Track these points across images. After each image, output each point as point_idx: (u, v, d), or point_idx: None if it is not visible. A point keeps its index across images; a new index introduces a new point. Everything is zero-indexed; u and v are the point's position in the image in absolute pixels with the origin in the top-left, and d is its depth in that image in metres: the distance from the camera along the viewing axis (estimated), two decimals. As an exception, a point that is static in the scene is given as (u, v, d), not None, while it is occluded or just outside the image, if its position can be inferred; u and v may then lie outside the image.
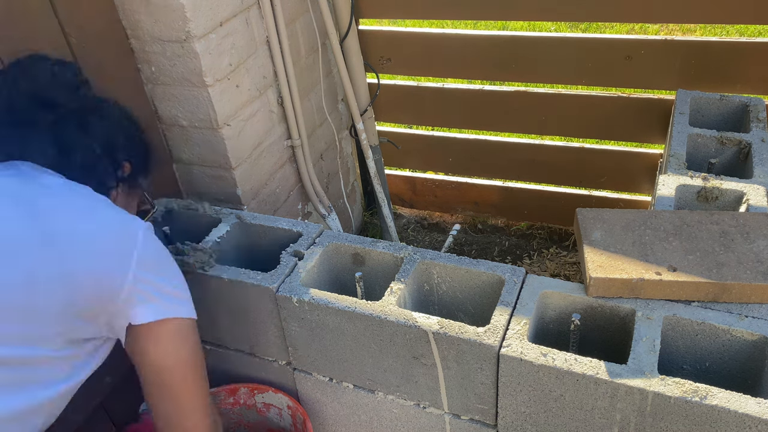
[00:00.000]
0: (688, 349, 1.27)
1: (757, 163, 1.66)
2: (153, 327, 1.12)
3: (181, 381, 1.15)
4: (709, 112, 2.00)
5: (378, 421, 1.54)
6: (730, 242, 1.31)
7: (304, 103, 2.14)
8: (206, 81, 1.65)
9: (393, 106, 2.56)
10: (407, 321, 1.31)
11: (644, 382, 1.12)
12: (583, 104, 2.28)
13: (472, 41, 2.29)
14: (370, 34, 2.38)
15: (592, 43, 2.16)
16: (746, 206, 1.50)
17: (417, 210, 2.97)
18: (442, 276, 1.47)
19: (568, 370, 1.17)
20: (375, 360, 1.42)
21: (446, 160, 2.70)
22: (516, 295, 1.33)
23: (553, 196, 2.62)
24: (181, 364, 1.15)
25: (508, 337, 1.25)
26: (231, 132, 1.78)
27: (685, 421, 1.12)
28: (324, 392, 1.58)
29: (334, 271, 1.59)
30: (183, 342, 1.15)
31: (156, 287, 1.12)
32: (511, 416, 1.32)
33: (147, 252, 1.12)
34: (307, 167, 2.18)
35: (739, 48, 1.99)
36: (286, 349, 1.55)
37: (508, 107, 2.41)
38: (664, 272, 1.25)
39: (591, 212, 1.42)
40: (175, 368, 1.14)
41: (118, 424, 1.79)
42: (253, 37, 1.81)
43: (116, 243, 1.10)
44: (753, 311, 1.23)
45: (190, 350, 1.17)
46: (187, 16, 1.55)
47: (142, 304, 1.10)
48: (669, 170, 1.65)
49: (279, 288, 1.44)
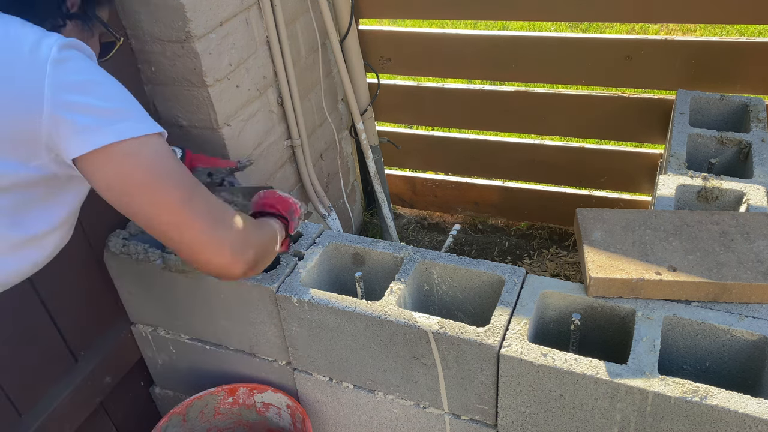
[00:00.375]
0: (688, 349, 1.27)
1: (757, 163, 1.66)
2: (96, 156, 0.95)
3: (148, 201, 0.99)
4: (709, 112, 2.00)
5: (378, 421, 1.54)
6: (730, 242, 1.31)
7: (304, 103, 2.14)
8: (206, 81, 1.65)
9: (393, 106, 2.56)
10: (407, 321, 1.31)
11: (644, 382, 1.12)
12: (583, 104, 2.28)
13: (472, 41, 2.29)
14: (370, 34, 2.38)
15: (592, 43, 2.16)
16: (746, 206, 1.50)
17: (417, 210, 2.97)
18: (442, 276, 1.47)
19: (568, 370, 1.17)
20: (375, 360, 1.42)
21: (446, 160, 2.70)
22: (516, 295, 1.33)
23: (553, 196, 2.61)
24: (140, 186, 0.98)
25: (508, 337, 1.25)
26: (231, 132, 1.78)
27: (686, 421, 1.12)
28: (324, 392, 1.58)
29: (334, 271, 1.59)
30: (135, 164, 0.97)
31: (87, 110, 0.95)
32: (511, 416, 1.32)
33: (64, 73, 0.94)
34: (307, 167, 2.18)
35: (739, 48, 1.99)
36: (286, 349, 1.55)
37: (508, 107, 2.41)
38: (664, 272, 1.25)
39: (591, 212, 1.42)
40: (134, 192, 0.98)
41: (118, 424, 1.79)
42: (253, 37, 1.81)
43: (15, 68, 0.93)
44: (753, 311, 1.23)
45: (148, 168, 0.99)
46: (187, 16, 1.55)
47: (75, 134, 0.94)
48: (669, 170, 1.65)
49: (279, 288, 1.44)
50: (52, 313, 1.52)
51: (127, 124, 0.97)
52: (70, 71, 0.96)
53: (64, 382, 1.59)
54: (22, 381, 1.48)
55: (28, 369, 1.50)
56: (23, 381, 1.49)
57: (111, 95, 0.99)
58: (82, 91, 0.96)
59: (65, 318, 1.56)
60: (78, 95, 0.95)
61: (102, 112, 0.96)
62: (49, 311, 1.52)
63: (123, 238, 1.60)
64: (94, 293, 1.65)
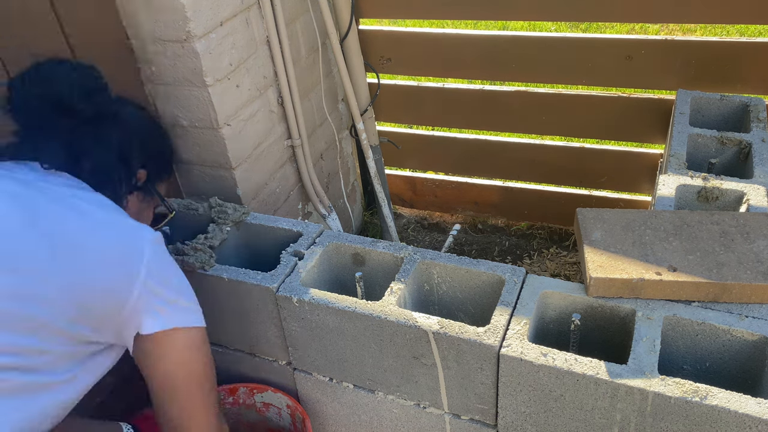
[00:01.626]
0: (689, 349, 1.27)
1: (757, 163, 1.66)
2: (161, 337, 1.11)
3: (189, 391, 1.15)
4: (709, 112, 2.00)
5: (378, 421, 1.54)
6: (731, 242, 1.31)
7: (304, 102, 2.14)
8: (206, 81, 1.65)
9: (393, 106, 2.56)
10: (407, 321, 1.31)
11: (644, 382, 1.12)
12: (583, 104, 2.28)
13: (472, 41, 2.29)
14: (371, 33, 2.38)
15: (592, 43, 2.16)
16: (746, 206, 1.50)
17: (417, 210, 2.97)
18: (442, 276, 1.47)
19: (568, 370, 1.17)
20: (375, 360, 1.42)
21: (446, 160, 2.70)
22: (516, 295, 1.33)
23: (553, 196, 2.61)
24: (190, 374, 1.14)
25: (509, 337, 1.25)
26: (231, 132, 1.78)
27: (686, 422, 1.12)
28: (324, 392, 1.57)
29: (334, 271, 1.59)
30: (192, 352, 1.15)
31: (164, 298, 1.11)
32: (511, 416, 1.32)
33: (155, 263, 1.11)
34: (307, 167, 2.18)
35: (739, 48, 1.99)
36: (286, 349, 1.55)
37: (508, 107, 2.41)
38: (665, 272, 1.25)
39: (591, 212, 1.42)
40: (184, 378, 1.14)
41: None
42: (253, 36, 1.81)
43: (122, 255, 1.09)
44: (753, 311, 1.23)
45: (200, 360, 1.16)
46: (188, 16, 1.55)
47: (150, 314, 1.10)
48: (669, 170, 1.65)
49: (279, 288, 1.44)
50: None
51: (197, 316, 1.18)
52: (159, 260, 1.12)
53: (64, 381, 1.58)
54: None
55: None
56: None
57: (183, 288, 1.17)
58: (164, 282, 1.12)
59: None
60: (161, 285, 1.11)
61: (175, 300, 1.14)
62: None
63: (123, 238, 1.60)
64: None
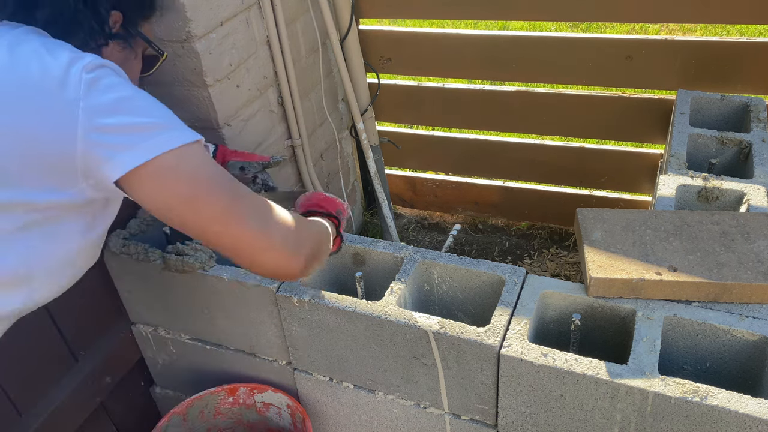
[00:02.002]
0: (689, 350, 1.27)
1: (757, 163, 1.66)
2: (136, 175, 0.93)
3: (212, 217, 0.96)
4: (709, 112, 2.00)
5: (378, 421, 1.54)
6: (731, 242, 1.31)
7: (304, 102, 2.14)
8: (206, 81, 1.65)
9: (393, 106, 2.56)
10: (407, 321, 1.31)
11: (645, 382, 1.12)
12: (583, 104, 2.28)
13: (472, 41, 2.29)
14: (371, 34, 2.38)
15: (592, 43, 2.16)
16: (747, 206, 1.50)
17: (417, 210, 2.97)
18: (442, 276, 1.47)
19: (568, 370, 1.17)
20: (375, 360, 1.42)
21: (446, 160, 2.70)
22: (516, 295, 1.33)
23: (553, 196, 2.61)
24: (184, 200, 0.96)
25: (509, 337, 1.25)
26: (231, 132, 1.78)
27: (686, 422, 1.12)
28: (324, 392, 1.58)
29: (334, 271, 1.59)
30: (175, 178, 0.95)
31: (123, 129, 0.93)
32: (511, 416, 1.32)
33: (97, 95, 0.92)
34: (307, 167, 2.18)
35: (739, 48, 1.99)
36: (286, 349, 1.55)
37: (508, 107, 2.41)
38: (665, 272, 1.25)
39: (591, 212, 1.42)
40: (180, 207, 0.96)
41: (118, 424, 1.79)
42: (253, 37, 1.81)
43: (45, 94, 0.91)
44: (753, 311, 1.23)
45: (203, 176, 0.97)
46: (188, 16, 1.54)
47: (112, 157, 0.92)
48: (669, 170, 1.65)
49: (279, 288, 1.44)
50: (52, 313, 1.52)
51: (162, 138, 0.94)
52: (101, 91, 0.93)
53: (64, 382, 1.59)
54: (22, 381, 1.48)
55: (28, 369, 1.50)
56: (23, 381, 1.49)
57: (142, 109, 0.96)
58: (114, 111, 0.93)
59: (65, 318, 1.56)
60: (110, 116, 0.92)
61: (135, 128, 0.93)
62: (50, 311, 1.52)
63: (123, 237, 1.60)
64: (94, 293, 1.65)
